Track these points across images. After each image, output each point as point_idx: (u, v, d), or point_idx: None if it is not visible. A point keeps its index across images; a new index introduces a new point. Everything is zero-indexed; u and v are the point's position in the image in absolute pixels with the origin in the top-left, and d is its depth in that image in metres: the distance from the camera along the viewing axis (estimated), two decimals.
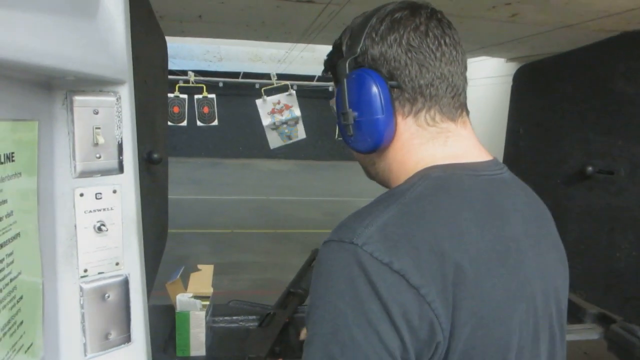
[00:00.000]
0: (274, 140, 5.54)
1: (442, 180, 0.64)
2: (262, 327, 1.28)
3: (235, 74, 11.42)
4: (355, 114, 0.71)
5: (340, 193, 8.96)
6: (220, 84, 11.35)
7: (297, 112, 5.58)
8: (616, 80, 1.56)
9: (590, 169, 1.59)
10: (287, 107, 5.66)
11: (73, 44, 0.61)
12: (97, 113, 0.75)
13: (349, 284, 0.56)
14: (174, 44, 7.51)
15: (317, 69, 11.04)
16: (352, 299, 0.55)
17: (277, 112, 5.62)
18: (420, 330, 0.55)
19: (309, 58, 9.26)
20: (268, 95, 5.68)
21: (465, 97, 0.73)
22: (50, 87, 0.70)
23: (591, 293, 1.64)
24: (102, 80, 0.74)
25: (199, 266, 1.46)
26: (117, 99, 0.77)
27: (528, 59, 2.35)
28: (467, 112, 0.73)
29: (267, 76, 6.58)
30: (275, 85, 5.82)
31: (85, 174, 0.75)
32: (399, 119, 0.70)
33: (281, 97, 5.65)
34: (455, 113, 0.71)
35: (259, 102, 5.65)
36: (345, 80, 0.72)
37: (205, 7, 2.19)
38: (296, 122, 5.58)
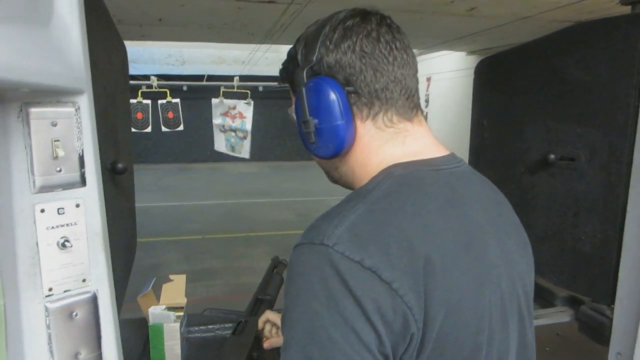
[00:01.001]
0: (219, 143, 5.49)
1: (405, 177, 0.67)
2: (236, 335, 1.26)
3: (199, 77, 11.24)
4: (316, 121, 0.73)
5: (312, 193, 8.96)
6: (184, 88, 11.14)
7: (249, 126, 5.53)
8: (572, 69, 1.61)
9: (552, 156, 1.64)
10: (241, 116, 5.61)
11: (26, 53, 0.59)
12: (55, 125, 0.72)
13: (323, 285, 0.57)
14: (134, 48, 7.35)
15: None
16: (327, 299, 0.56)
17: (230, 117, 5.57)
18: (394, 324, 0.56)
19: (274, 59, 9.22)
20: (227, 97, 5.61)
21: (418, 98, 0.76)
22: (3, 100, 0.66)
23: (560, 277, 1.69)
24: (59, 91, 0.71)
25: (171, 276, 1.43)
26: (76, 109, 0.74)
27: (488, 52, 2.40)
28: (422, 112, 0.76)
29: (231, 78, 6.52)
30: (235, 89, 5.76)
31: (46, 188, 0.72)
32: (358, 123, 0.72)
33: (239, 104, 5.60)
34: (410, 113, 0.73)
35: (214, 101, 5.57)
36: (303, 89, 0.73)
37: (165, 10, 2.15)
38: (244, 137, 5.54)
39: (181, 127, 6.65)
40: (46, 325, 0.74)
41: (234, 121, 5.60)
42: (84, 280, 0.78)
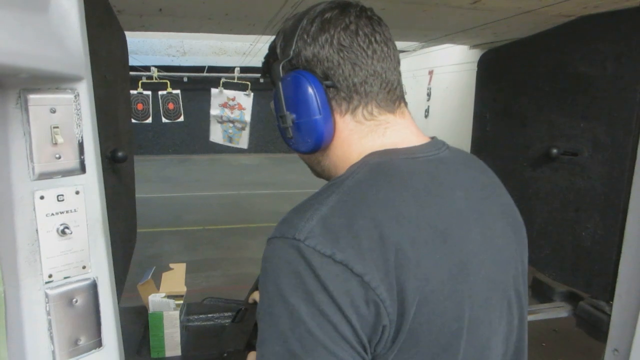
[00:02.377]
0: (216, 135, 5.45)
1: (380, 165, 0.66)
2: (235, 323, 1.27)
3: (200, 68, 11.20)
4: (293, 116, 0.72)
5: (312, 185, 8.93)
6: (185, 79, 11.11)
7: (248, 117, 5.49)
8: (576, 63, 1.60)
9: (555, 150, 1.63)
10: (240, 107, 5.57)
11: (24, 38, 0.58)
12: (54, 112, 0.71)
13: (297, 280, 0.56)
14: (135, 39, 7.30)
15: None
16: (303, 293, 0.56)
17: (228, 108, 5.53)
18: (368, 316, 0.56)
19: None
20: (227, 88, 5.58)
21: (401, 90, 0.75)
22: (1, 86, 0.66)
23: (559, 272, 1.69)
24: (58, 77, 0.71)
25: (171, 265, 1.43)
26: (75, 96, 0.74)
27: (491, 45, 2.39)
28: (406, 104, 0.75)
29: (232, 70, 6.49)
30: (236, 80, 5.73)
31: (45, 175, 0.72)
32: (337, 117, 0.71)
33: (238, 95, 5.56)
34: (392, 106, 0.72)
35: (214, 91, 5.53)
36: (280, 83, 0.72)
37: (165, 1, 2.13)
38: (243, 128, 5.50)
39: (182, 119, 6.63)
40: (46, 311, 0.74)
41: (232, 112, 5.56)
42: (83, 267, 0.78)
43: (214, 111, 5.48)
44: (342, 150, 0.72)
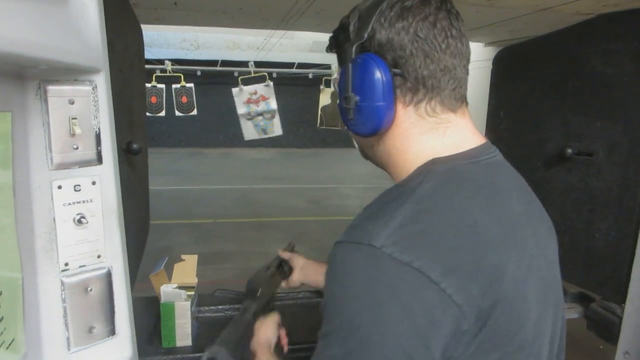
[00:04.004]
0: (249, 132, 5.49)
1: (447, 173, 0.66)
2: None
3: (213, 62, 11.24)
4: (357, 98, 0.71)
5: (323, 180, 8.97)
6: (199, 73, 11.16)
7: (274, 104, 5.52)
8: (593, 62, 1.58)
9: (569, 150, 1.61)
10: (264, 99, 5.59)
11: (44, 30, 0.59)
12: (72, 103, 0.73)
13: (367, 287, 0.56)
14: (149, 32, 7.37)
15: (297, 56, 10.96)
16: (371, 301, 0.56)
17: (253, 102, 5.55)
18: (443, 323, 0.55)
19: (288, 45, 9.18)
20: (245, 84, 5.61)
21: (466, 89, 0.74)
22: (22, 77, 0.67)
23: (571, 273, 1.68)
24: (76, 69, 0.72)
25: (183, 256, 1.44)
26: (92, 88, 0.75)
27: (506, 43, 2.36)
28: (467, 103, 0.75)
29: (245, 64, 6.50)
30: (253, 74, 5.75)
31: (63, 165, 0.73)
32: (400, 106, 0.71)
33: (258, 88, 5.58)
34: (455, 104, 0.71)
35: (234, 90, 5.57)
36: (350, 64, 0.72)
37: None
38: (272, 116, 5.53)
39: (195, 112, 6.66)
40: (62, 299, 0.75)
41: (258, 105, 5.58)
42: (98, 257, 0.79)
43: (241, 110, 5.49)
44: (401, 141, 0.72)
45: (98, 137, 0.76)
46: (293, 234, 5.77)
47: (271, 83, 5.57)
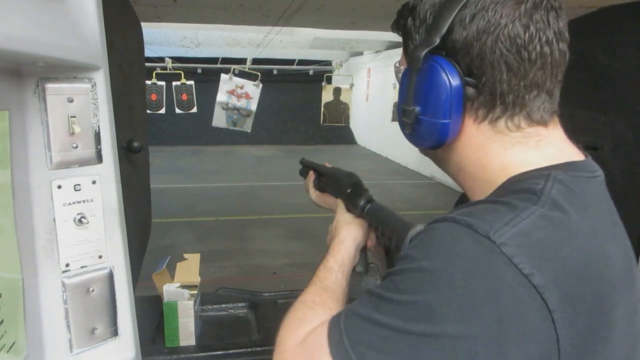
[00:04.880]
0: (219, 120, 5.45)
1: (569, 184, 0.55)
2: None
3: (213, 60, 11.23)
4: (418, 109, 0.62)
5: None
6: (199, 70, 11.17)
7: (254, 106, 5.49)
8: (597, 56, 1.56)
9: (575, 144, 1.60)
10: (247, 97, 5.57)
11: (42, 26, 0.58)
12: (71, 101, 0.71)
13: (468, 281, 0.48)
14: (149, 30, 7.34)
15: (298, 53, 10.93)
16: (466, 298, 0.48)
17: (235, 95, 5.53)
18: (531, 353, 0.48)
19: (288, 42, 9.15)
20: (237, 76, 5.59)
21: (557, 99, 0.62)
22: (19, 75, 0.66)
23: None
24: (75, 66, 0.71)
25: (186, 255, 1.44)
26: (92, 86, 0.74)
27: None
28: (558, 114, 0.63)
29: (245, 61, 6.49)
30: (247, 69, 5.73)
31: (62, 164, 0.72)
32: (470, 122, 0.61)
33: (246, 84, 5.56)
34: (547, 117, 0.60)
35: (223, 77, 5.54)
36: (415, 73, 0.61)
37: None
38: (248, 115, 5.51)
39: (195, 110, 6.67)
40: (63, 300, 0.74)
41: (239, 100, 5.56)
42: (100, 257, 0.78)
43: (221, 97, 5.48)
44: (476, 156, 0.62)
45: (98, 135, 0.75)
46: (295, 231, 5.76)
47: (260, 85, 5.55)
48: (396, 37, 0.70)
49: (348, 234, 0.89)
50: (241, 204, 7.16)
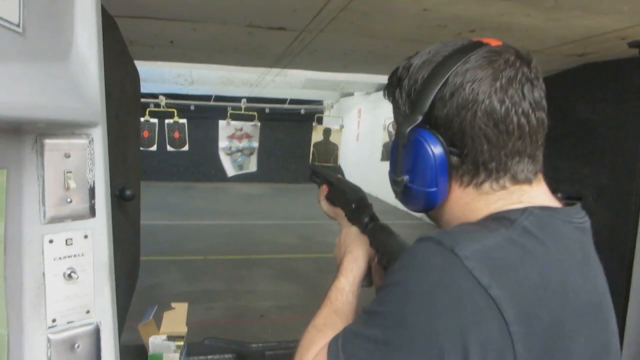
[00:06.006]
0: (230, 168, 5.57)
1: (543, 220, 0.60)
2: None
3: (207, 97, 11.37)
4: (406, 178, 0.67)
5: (316, 216, 8.92)
6: (192, 107, 11.29)
7: (256, 143, 5.63)
8: (580, 109, 1.62)
9: (559, 195, 1.63)
10: (248, 136, 5.70)
11: (44, 91, 0.60)
12: (68, 156, 0.72)
13: (432, 291, 0.53)
14: (145, 67, 7.45)
15: (290, 92, 11.10)
16: (430, 308, 0.53)
17: (236, 138, 5.65)
18: None
19: (281, 82, 9.32)
20: (234, 119, 5.71)
21: (540, 159, 0.66)
22: (19, 132, 0.67)
23: None
24: (74, 124, 0.72)
25: (173, 304, 1.42)
26: (89, 142, 0.75)
27: None
28: (541, 171, 0.67)
29: (238, 100, 6.59)
30: (243, 111, 5.86)
31: (55, 219, 0.72)
32: (456, 186, 0.65)
33: (245, 125, 5.70)
34: (531, 176, 0.64)
35: (221, 123, 5.67)
36: (401, 148, 0.66)
37: (177, 33, 2.18)
38: (251, 153, 5.65)
39: (186, 148, 6.71)
40: (47, 357, 0.73)
41: (240, 141, 5.69)
42: (87, 312, 0.78)
43: (222, 143, 5.60)
44: (463, 213, 0.66)
45: (92, 190, 0.76)
46: (283, 271, 5.70)
47: (259, 124, 5.69)
48: (385, 80, 0.74)
49: (361, 251, 0.91)
50: (230, 242, 7.09)
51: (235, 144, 5.54)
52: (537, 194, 0.65)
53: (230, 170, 5.51)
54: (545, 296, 0.54)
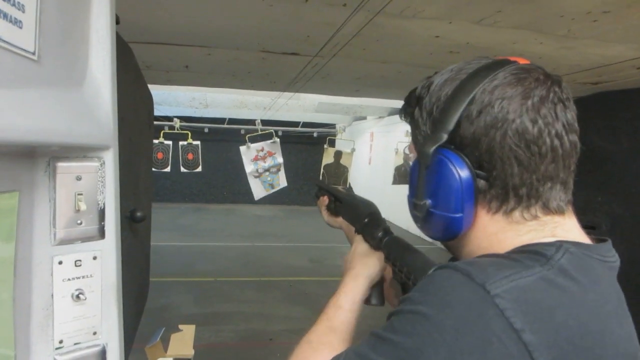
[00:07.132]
0: (258, 190, 5.60)
1: (579, 258, 0.55)
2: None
3: (220, 120, 11.54)
4: (429, 202, 0.62)
5: (326, 239, 8.89)
6: (206, 130, 11.46)
7: (280, 158, 5.69)
8: (593, 137, 1.61)
9: None
10: (270, 154, 5.77)
11: (58, 116, 0.61)
12: (80, 179, 0.74)
13: (458, 328, 0.48)
14: (160, 91, 7.60)
15: (302, 115, 11.21)
16: (454, 345, 0.48)
17: (261, 159, 5.72)
18: None
19: (294, 105, 9.43)
20: (252, 142, 5.78)
21: (571, 188, 0.62)
22: (33, 155, 0.69)
23: None
24: (86, 147, 0.74)
25: (181, 326, 1.41)
26: (100, 164, 0.76)
27: None
28: (571, 201, 0.63)
29: (252, 122, 6.67)
30: (259, 132, 5.93)
31: (65, 241, 0.73)
32: (483, 212, 0.60)
33: (265, 145, 5.77)
34: (563, 206, 0.60)
35: (242, 148, 5.74)
36: (424, 169, 0.61)
37: (191, 58, 2.24)
38: (278, 170, 5.68)
39: (199, 169, 6.77)
40: None
41: (265, 161, 5.75)
42: (94, 333, 0.78)
43: (248, 168, 5.66)
44: (489, 243, 0.60)
45: (102, 212, 0.77)
46: (294, 295, 5.65)
47: (277, 139, 5.74)
48: (398, 104, 0.71)
49: (363, 269, 0.86)
50: (240, 264, 7.07)
51: (260, 164, 5.60)
52: (570, 228, 0.60)
53: (259, 193, 5.53)
54: (582, 345, 0.49)
